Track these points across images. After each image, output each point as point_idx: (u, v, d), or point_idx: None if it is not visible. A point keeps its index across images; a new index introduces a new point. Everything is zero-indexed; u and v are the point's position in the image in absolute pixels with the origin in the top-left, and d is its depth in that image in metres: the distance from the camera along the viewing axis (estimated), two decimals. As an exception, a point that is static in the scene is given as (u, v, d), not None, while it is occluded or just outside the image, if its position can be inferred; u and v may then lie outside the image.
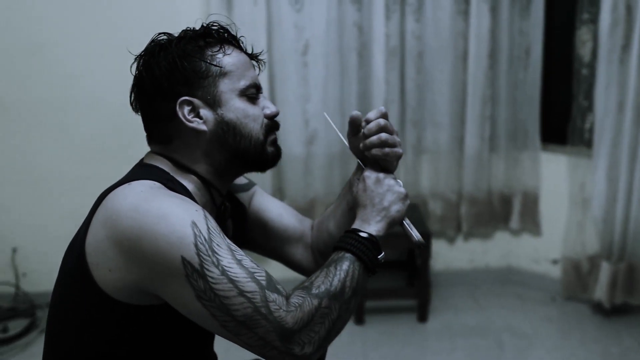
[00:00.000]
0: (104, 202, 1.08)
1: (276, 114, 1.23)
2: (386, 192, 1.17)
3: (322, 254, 1.41)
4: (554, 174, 3.22)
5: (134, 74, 1.19)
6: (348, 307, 1.08)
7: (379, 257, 1.14)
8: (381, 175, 1.19)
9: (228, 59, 1.18)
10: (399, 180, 1.21)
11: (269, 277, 1.04)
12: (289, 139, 3.04)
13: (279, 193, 3.17)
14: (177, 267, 0.99)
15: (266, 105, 1.22)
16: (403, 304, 3.19)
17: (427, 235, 2.96)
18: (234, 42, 1.22)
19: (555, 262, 3.31)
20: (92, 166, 3.13)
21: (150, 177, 1.12)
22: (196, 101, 1.15)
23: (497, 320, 3.10)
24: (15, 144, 3.13)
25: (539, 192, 3.28)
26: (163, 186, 1.10)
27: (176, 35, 1.20)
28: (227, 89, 1.17)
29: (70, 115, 3.10)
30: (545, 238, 3.33)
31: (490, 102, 3.13)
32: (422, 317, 3.08)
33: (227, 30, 1.21)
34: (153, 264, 1.01)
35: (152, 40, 1.19)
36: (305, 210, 3.13)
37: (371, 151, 1.18)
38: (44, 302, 3.29)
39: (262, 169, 1.24)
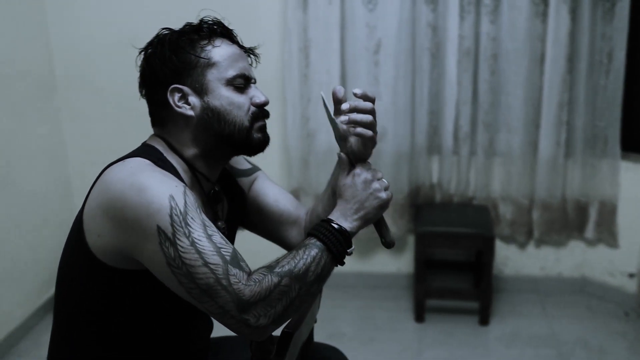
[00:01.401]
0: (102, 175, 1.22)
1: (265, 103, 1.31)
2: (369, 195, 1.24)
3: None
4: (633, 183, 3.09)
5: (139, 64, 1.32)
6: (309, 290, 1.15)
7: (348, 250, 1.21)
8: (370, 176, 1.25)
9: (217, 50, 1.28)
10: (384, 181, 1.27)
11: (234, 254, 1.13)
12: (358, 135, 3.11)
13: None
14: (153, 234, 1.11)
15: (255, 95, 1.30)
16: (466, 305, 3.18)
17: (490, 239, 2.94)
18: (227, 35, 1.32)
19: (631, 276, 3.17)
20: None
21: (144, 155, 1.24)
22: (185, 89, 1.26)
23: (565, 331, 3.02)
24: (112, 130, 3.39)
25: (617, 202, 3.15)
26: (152, 164, 1.22)
27: (177, 30, 1.31)
28: (214, 78, 1.27)
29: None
30: (622, 250, 3.20)
31: (567, 107, 3.05)
32: (484, 320, 3.05)
33: (220, 25, 1.32)
34: (133, 230, 1.13)
35: (157, 35, 1.32)
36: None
37: (356, 129, 1.23)
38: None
39: (249, 153, 1.33)
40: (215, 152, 1.31)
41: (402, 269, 3.43)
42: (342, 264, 1.21)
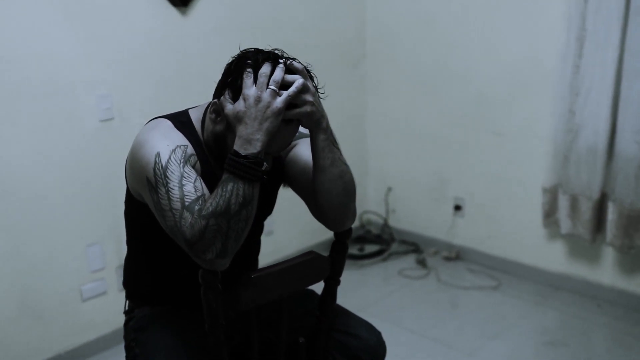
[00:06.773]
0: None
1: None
2: (264, 112, 1.32)
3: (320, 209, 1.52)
4: None
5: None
6: (239, 218, 1.30)
7: (262, 168, 1.32)
8: (256, 92, 1.32)
9: None
10: (273, 87, 1.32)
11: (194, 201, 1.31)
12: (624, 138, 2.79)
13: (611, 194, 2.93)
14: (145, 183, 1.38)
15: None
16: None
17: None
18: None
19: None
20: (452, 129, 3.51)
21: (172, 117, 1.51)
22: (222, 113, 1.41)
23: None
24: (406, 104, 3.70)
25: None
26: (170, 125, 1.47)
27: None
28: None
29: (444, 82, 3.51)
30: None
31: None
32: None
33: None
34: (136, 177, 1.44)
35: (262, 52, 1.40)
36: (635, 218, 2.84)
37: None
38: (400, 239, 3.86)
39: None
40: (218, 156, 1.48)
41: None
42: (262, 180, 1.32)
